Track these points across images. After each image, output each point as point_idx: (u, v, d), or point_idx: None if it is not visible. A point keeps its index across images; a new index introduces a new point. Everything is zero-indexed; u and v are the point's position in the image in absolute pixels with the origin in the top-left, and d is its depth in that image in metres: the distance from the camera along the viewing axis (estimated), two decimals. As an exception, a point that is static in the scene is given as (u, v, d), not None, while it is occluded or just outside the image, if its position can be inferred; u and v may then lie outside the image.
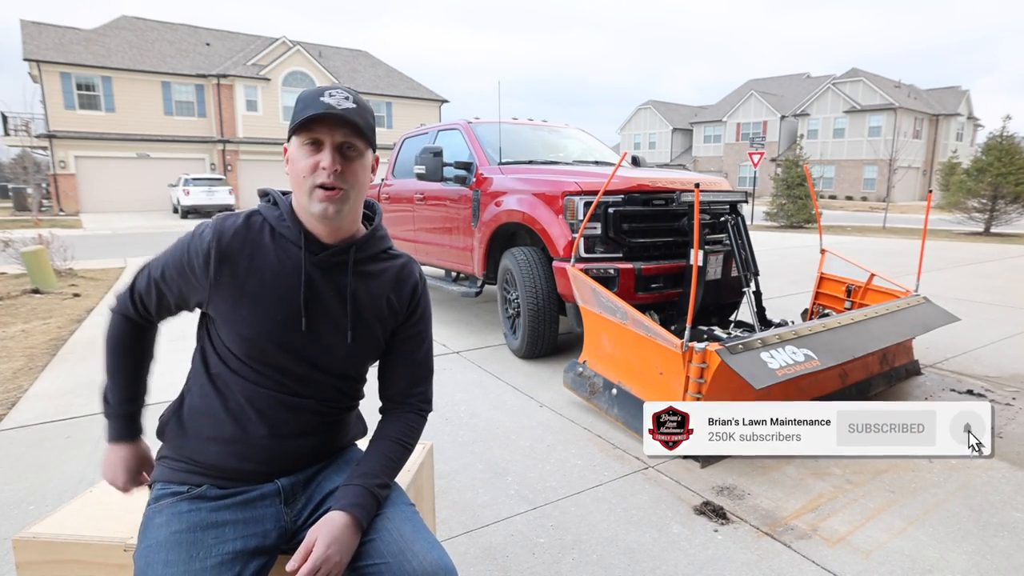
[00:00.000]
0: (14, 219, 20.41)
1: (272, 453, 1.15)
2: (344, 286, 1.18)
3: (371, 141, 1.15)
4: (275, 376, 1.14)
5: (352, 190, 1.13)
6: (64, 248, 7.62)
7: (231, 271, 1.11)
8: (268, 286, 1.12)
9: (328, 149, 1.09)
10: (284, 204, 1.17)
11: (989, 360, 3.91)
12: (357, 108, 1.11)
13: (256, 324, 1.11)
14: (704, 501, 2.18)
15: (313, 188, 1.09)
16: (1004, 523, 2.06)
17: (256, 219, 1.16)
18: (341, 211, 1.11)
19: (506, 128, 4.96)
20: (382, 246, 1.25)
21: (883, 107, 37.27)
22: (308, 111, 1.08)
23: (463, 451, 2.64)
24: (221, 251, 1.10)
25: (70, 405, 3.19)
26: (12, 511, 2.16)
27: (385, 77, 31.05)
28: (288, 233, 1.14)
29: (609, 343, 2.99)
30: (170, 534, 1.03)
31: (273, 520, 1.12)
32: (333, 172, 1.08)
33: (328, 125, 1.09)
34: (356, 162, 1.13)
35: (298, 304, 1.13)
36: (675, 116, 51.31)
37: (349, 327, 1.17)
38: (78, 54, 23.26)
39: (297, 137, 1.11)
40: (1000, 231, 14.77)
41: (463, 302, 6.04)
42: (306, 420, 1.18)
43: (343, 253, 1.17)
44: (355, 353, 1.20)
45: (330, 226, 1.14)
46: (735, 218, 3.55)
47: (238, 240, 1.12)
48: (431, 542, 1.09)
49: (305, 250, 1.14)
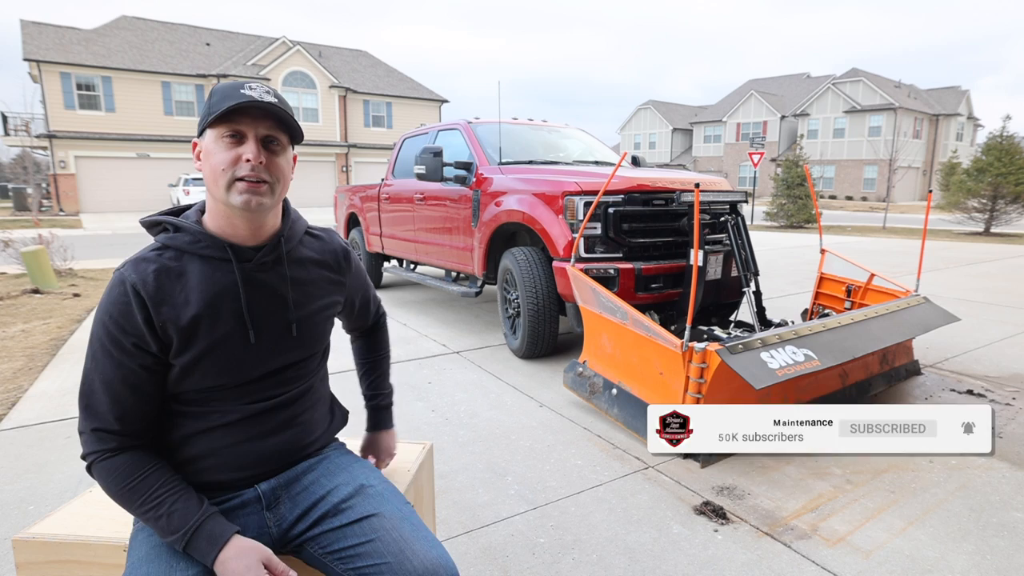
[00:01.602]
0: (14, 219, 20.42)
1: (247, 459, 1.13)
2: (283, 283, 1.15)
3: (294, 136, 1.11)
4: (234, 396, 1.11)
5: (278, 184, 1.08)
6: (64, 248, 7.63)
7: (171, 315, 1.03)
8: (208, 315, 1.05)
9: (252, 141, 1.04)
10: (189, 225, 1.08)
11: (989, 360, 3.90)
12: (280, 102, 1.07)
13: (208, 357, 1.06)
14: (704, 501, 2.18)
15: (233, 180, 1.03)
16: (1004, 523, 2.06)
17: (167, 254, 1.07)
18: (264, 204, 1.06)
19: (506, 128, 4.96)
20: (303, 228, 1.23)
21: (883, 107, 37.26)
22: (228, 102, 1.01)
23: (463, 451, 2.64)
24: (150, 295, 1.02)
25: (70, 405, 3.19)
26: (12, 511, 2.16)
27: (385, 77, 31.05)
28: (210, 252, 1.07)
29: (609, 343, 2.99)
30: (151, 548, 1.02)
31: (255, 529, 1.11)
32: (258, 164, 1.03)
33: (251, 116, 1.04)
34: (280, 156, 1.08)
35: (243, 319, 1.09)
36: (675, 116, 51.31)
37: (293, 320, 1.15)
38: (78, 54, 23.26)
39: (214, 130, 1.04)
40: (1000, 231, 14.77)
41: (463, 302, 6.04)
42: (275, 417, 1.16)
43: (275, 249, 1.13)
44: (305, 341, 1.19)
45: (253, 222, 1.09)
46: (735, 218, 3.55)
47: (162, 282, 1.04)
48: (431, 541, 1.09)
49: (235, 261, 1.08)
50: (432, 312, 5.61)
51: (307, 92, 27.22)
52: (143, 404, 1.05)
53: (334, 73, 28.06)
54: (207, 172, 1.06)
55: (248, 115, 1.03)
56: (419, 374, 3.68)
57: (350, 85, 28.45)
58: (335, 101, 27.92)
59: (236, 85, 1.05)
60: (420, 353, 4.18)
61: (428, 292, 6.69)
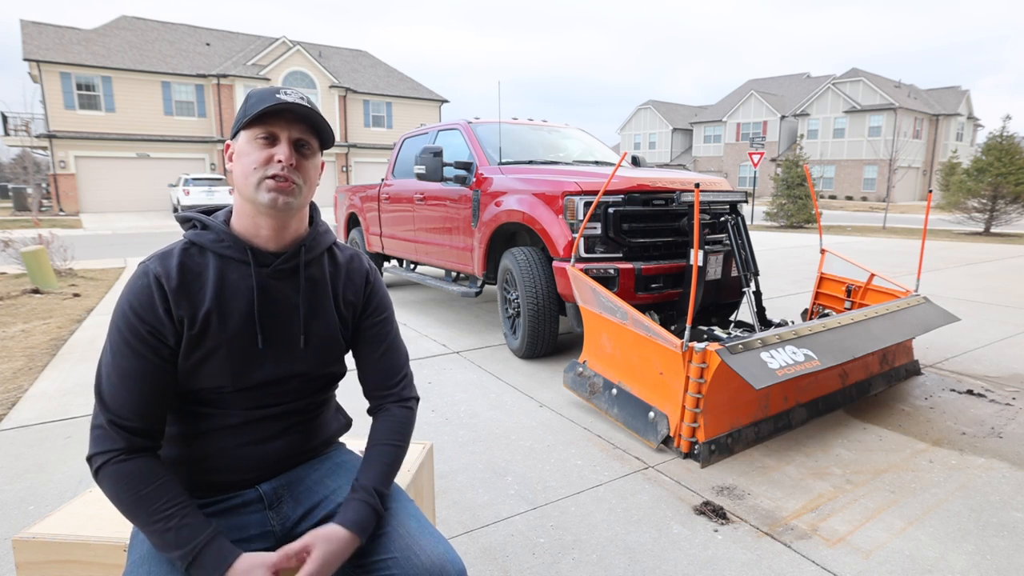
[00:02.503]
0: (14, 219, 20.43)
1: (248, 462, 1.13)
2: (297, 293, 1.15)
3: (324, 141, 1.13)
4: (236, 400, 1.11)
5: (305, 186, 1.10)
6: (64, 248, 7.64)
7: (188, 310, 1.05)
8: (222, 312, 1.07)
9: (284, 143, 1.07)
10: (216, 224, 1.11)
11: (989, 360, 3.90)
12: (313, 108, 1.10)
13: (214, 355, 1.06)
14: (704, 501, 2.18)
15: (263, 179, 1.06)
16: (1004, 523, 2.06)
17: (192, 250, 1.09)
18: (291, 204, 1.08)
19: (506, 128, 4.96)
20: (328, 242, 1.22)
21: (883, 107, 37.26)
22: (264, 104, 1.05)
23: (463, 451, 2.64)
24: (172, 288, 1.04)
25: (70, 405, 3.19)
26: (12, 511, 2.16)
27: (385, 77, 31.06)
28: (231, 252, 1.09)
29: (609, 343, 2.99)
30: (151, 548, 1.02)
31: (258, 527, 1.11)
32: (289, 166, 1.06)
33: (285, 120, 1.07)
34: (310, 160, 1.11)
35: (253, 322, 1.09)
36: (675, 116, 51.32)
37: (302, 331, 1.15)
38: (78, 54, 23.27)
39: (248, 131, 1.07)
40: (1000, 231, 14.78)
41: (463, 302, 6.05)
42: (278, 424, 1.16)
43: (294, 258, 1.14)
44: (313, 356, 1.17)
45: (279, 222, 1.10)
46: (735, 218, 3.55)
47: (184, 276, 1.06)
48: (437, 537, 1.09)
49: (253, 265, 1.10)
50: (432, 312, 5.61)
51: (307, 92, 26.93)
52: (158, 400, 1.04)
53: (334, 73, 28.07)
54: (238, 171, 1.08)
55: (282, 118, 1.07)
56: (419, 374, 3.68)
57: (350, 85, 28.47)
58: (335, 101, 27.93)
59: (272, 90, 1.08)
60: (420, 353, 4.18)
61: (428, 292, 6.69)
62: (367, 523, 1.07)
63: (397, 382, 1.27)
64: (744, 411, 2.65)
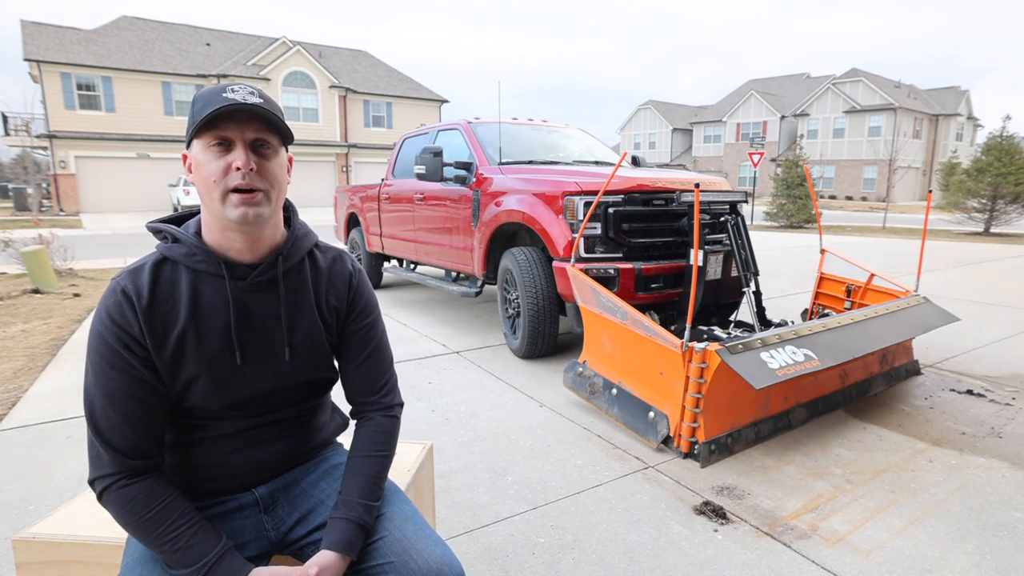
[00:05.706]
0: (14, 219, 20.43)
1: (243, 468, 1.12)
2: (277, 304, 1.09)
3: (285, 136, 1.05)
4: (228, 413, 1.08)
5: (273, 191, 1.03)
6: (64, 248, 7.64)
7: (162, 330, 1.01)
8: (198, 331, 1.02)
9: (240, 147, 0.98)
10: (187, 237, 1.04)
11: (989, 360, 3.90)
12: (265, 102, 1.01)
13: (196, 376, 1.03)
14: (704, 501, 2.18)
15: (227, 193, 0.98)
16: (1004, 523, 2.06)
17: (163, 266, 1.04)
18: (262, 215, 1.01)
19: (506, 128, 4.96)
20: (307, 246, 1.16)
21: (883, 107, 37.26)
22: (211, 107, 0.96)
23: (463, 451, 2.64)
24: (143, 307, 0.99)
25: (70, 405, 3.19)
26: (12, 511, 2.16)
27: (385, 77, 31.05)
28: (204, 267, 1.03)
29: (609, 343, 2.99)
30: (145, 550, 1.01)
31: (253, 531, 1.11)
32: (249, 171, 0.98)
33: (237, 121, 0.98)
34: (272, 160, 1.03)
35: (230, 339, 1.04)
36: (675, 116, 51.31)
37: (286, 344, 1.10)
38: (78, 54, 23.26)
39: (200, 140, 0.99)
40: (1000, 231, 14.78)
41: (463, 302, 6.05)
42: (272, 431, 1.14)
43: (271, 268, 1.08)
44: (300, 366, 1.13)
45: (251, 235, 1.04)
46: (735, 218, 3.55)
47: (156, 295, 1.01)
48: (434, 540, 1.08)
49: (228, 279, 1.04)
50: (432, 312, 5.61)
51: (307, 92, 27.23)
52: (151, 419, 1.01)
53: (334, 73, 28.06)
54: (199, 184, 1.01)
55: (233, 120, 0.98)
56: (419, 374, 3.68)
57: (350, 85, 28.46)
58: (335, 101, 27.92)
59: (218, 89, 0.99)
60: (420, 353, 4.18)
61: (428, 292, 6.69)
62: (355, 540, 1.04)
63: (381, 387, 1.22)
64: (744, 411, 2.65)
